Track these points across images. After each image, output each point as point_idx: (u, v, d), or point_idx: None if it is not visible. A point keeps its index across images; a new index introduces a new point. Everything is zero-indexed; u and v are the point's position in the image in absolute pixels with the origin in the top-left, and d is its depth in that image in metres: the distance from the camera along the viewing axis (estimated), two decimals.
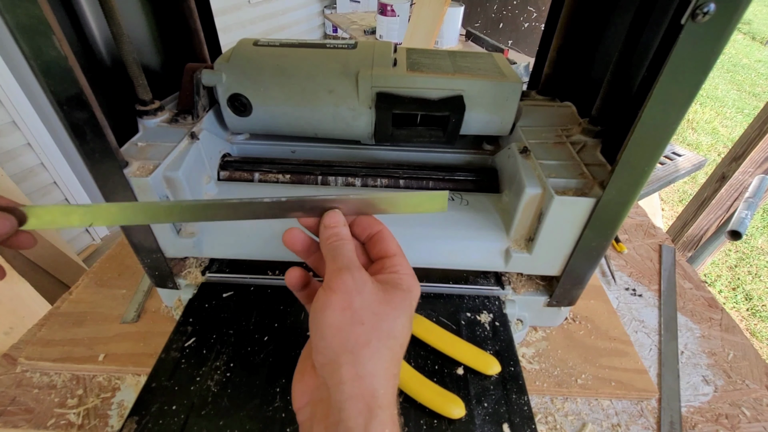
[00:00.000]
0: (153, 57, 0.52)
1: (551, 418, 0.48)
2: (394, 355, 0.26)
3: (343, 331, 0.25)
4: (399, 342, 0.27)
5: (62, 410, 0.46)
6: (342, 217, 0.30)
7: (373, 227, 0.32)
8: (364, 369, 0.24)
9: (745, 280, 1.98)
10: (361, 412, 0.23)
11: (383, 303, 0.26)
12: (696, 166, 1.31)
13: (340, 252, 0.28)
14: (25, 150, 1.47)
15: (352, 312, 0.25)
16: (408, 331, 0.28)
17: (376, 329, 0.25)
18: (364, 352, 0.25)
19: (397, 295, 0.27)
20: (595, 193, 0.39)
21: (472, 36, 2.13)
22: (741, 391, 0.53)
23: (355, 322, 0.25)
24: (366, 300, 0.26)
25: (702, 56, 0.29)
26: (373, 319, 0.26)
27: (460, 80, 0.46)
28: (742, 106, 3.69)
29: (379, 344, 0.25)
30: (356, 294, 0.26)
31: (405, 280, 0.29)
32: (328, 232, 0.29)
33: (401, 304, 0.27)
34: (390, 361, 0.25)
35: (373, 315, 0.26)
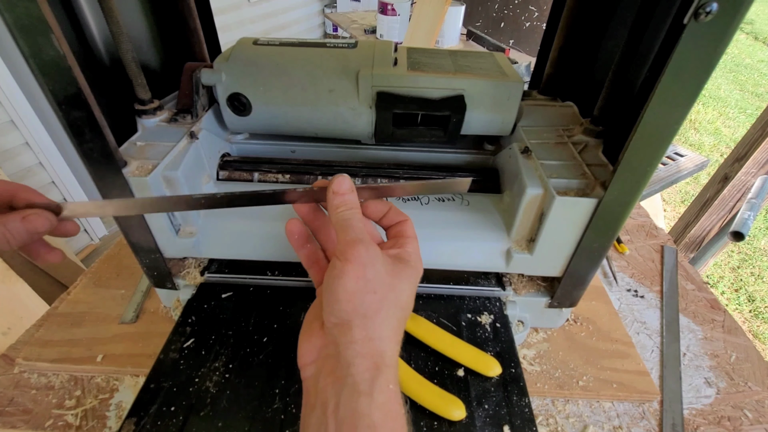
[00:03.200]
0: (152, 56, 0.51)
1: (552, 420, 0.47)
2: (399, 322, 0.29)
3: (356, 297, 0.27)
4: (404, 312, 0.30)
5: (60, 411, 0.46)
6: (350, 183, 0.31)
7: (399, 217, 0.34)
8: (373, 332, 0.27)
9: (747, 282, 1.98)
10: (368, 369, 0.26)
11: (393, 275, 0.29)
12: (698, 166, 1.31)
13: (350, 223, 0.30)
14: (24, 149, 1.47)
15: (366, 281, 0.27)
16: (411, 302, 0.30)
17: (386, 298, 0.28)
18: (375, 318, 0.27)
19: (404, 269, 0.30)
20: (597, 193, 0.39)
21: (473, 35, 2.13)
22: (743, 394, 0.52)
23: (368, 290, 0.27)
24: (378, 271, 0.28)
25: (704, 56, 0.28)
26: (384, 289, 0.28)
27: (461, 80, 0.46)
28: (745, 107, 3.68)
29: (388, 312, 0.28)
30: (370, 265, 0.28)
31: (413, 257, 0.31)
32: (337, 200, 0.30)
33: (408, 278, 0.30)
34: (396, 328, 0.28)
35: (384, 285, 0.28)
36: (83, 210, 0.32)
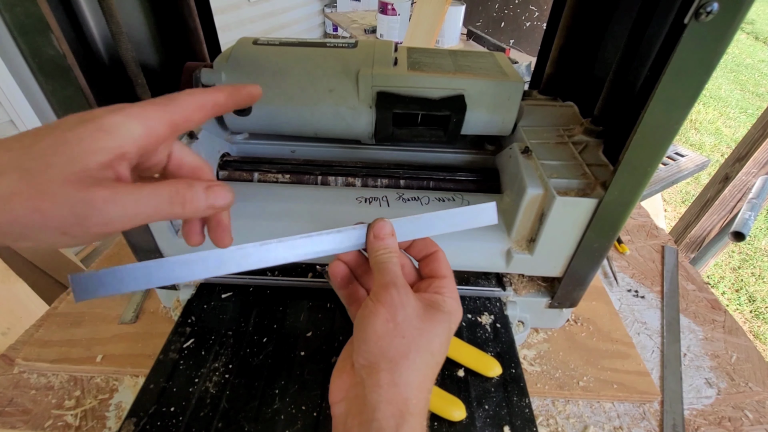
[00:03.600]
0: (152, 56, 0.51)
1: (553, 420, 0.47)
2: (429, 369, 0.28)
3: (384, 340, 0.27)
4: (435, 359, 0.28)
5: (60, 411, 0.46)
6: (391, 227, 0.31)
7: (429, 248, 0.34)
8: (400, 377, 0.26)
9: (748, 282, 1.98)
10: (393, 415, 0.25)
11: (424, 320, 0.28)
12: (699, 166, 1.31)
13: (387, 267, 0.30)
14: None
15: (395, 324, 0.27)
16: (444, 350, 0.29)
17: (414, 343, 0.27)
18: (402, 363, 0.27)
19: (437, 315, 0.29)
20: (597, 193, 0.39)
21: (474, 35, 2.13)
22: (744, 394, 0.52)
23: (397, 334, 0.27)
24: (408, 315, 0.28)
25: (705, 56, 0.28)
26: (414, 333, 0.27)
27: (462, 80, 0.46)
28: (746, 107, 3.68)
29: (417, 357, 0.27)
30: (400, 309, 0.28)
31: (448, 303, 0.30)
32: (378, 244, 0.31)
33: (441, 324, 0.29)
34: (424, 375, 0.27)
35: (414, 329, 0.28)
36: None
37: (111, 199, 0.21)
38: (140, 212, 0.22)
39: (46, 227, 0.21)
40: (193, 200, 0.24)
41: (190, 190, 0.24)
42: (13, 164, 0.20)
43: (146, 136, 0.23)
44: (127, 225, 0.22)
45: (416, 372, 0.27)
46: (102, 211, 0.21)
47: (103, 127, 0.22)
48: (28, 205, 0.20)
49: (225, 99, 0.27)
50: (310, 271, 0.51)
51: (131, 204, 0.22)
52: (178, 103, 0.25)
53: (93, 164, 0.21)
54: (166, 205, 0.23)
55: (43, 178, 0.20)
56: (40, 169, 0.20)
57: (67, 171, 0.21)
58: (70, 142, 0.21)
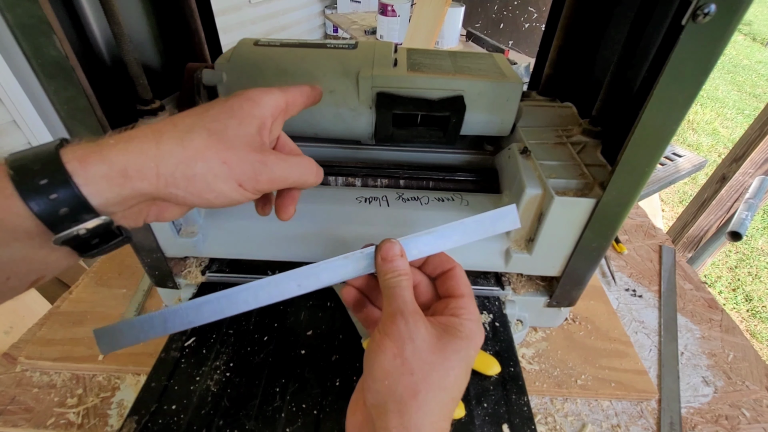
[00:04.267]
0: (154, 57, 0.52)
1: (551, 418, 0.48)
2: (444, 407, 0.26)
3: (392, 377, 0.25)
4: (450, 395, 0.26)
5: (62, 409, 0.46)
6: (400, 248, 0.30)
7: (445, 265, 0.32)
8: (409, 421, 0.24)
9: (745, 281, 1.98)
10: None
11: (436, 352, 0.26)
12: (696, 167, 1.31)
13: (395, 292, 0.28)
14: None
15: (402, 360, 0.25)
16: (462, 382, 0.27)
17: (425, 380, 0.25)
18: (412, 404, 0.25)
19: (453, 343, 0.27)
20: (596, 193, 0.39)
21: (473, 36, 2.13)
22: (741, 393, 0.53)
23: (405, 371, 0.25)
24: (418, 348, 0.26)
25: (702, 57, 0.29)
26: (424, 369, 0.25)
27: (461, 80, 0.46)
28: (743, 107, 3.69)
29: (428, 396, 0.25)
30: (408, 341, 0.26)
31: (466, 326, 0.28)
32: (386, 267, 0.29)
33: (456, 354, 0.26)
34: (438, 414, 0.25)
35: (425, 364, 0.26)
36: None
37: (278, 161, 0.26)
38: (293, 175, 0.28)
39: (228, 178, 0.25)
40: (320, 174, 0.30)
41: (313, 167, 0.29)
42: (198, 125, 0.24)
43: (275, 107, 0.28)
44: (282, 185, 0.28)
45: (427, 413, 0.25)
46: (272, 169, 0.26)
47: (252, 98, 0.27)
48: (218, 156, 0.24)
49: (312, 91, 0.33)
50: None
51: (291, 168, 0.27)
52: (289, 89, 0.30)
53: (253, 129, 0.26)
54: (309, 174, 0.29)
55: (226, 137, 0.25)
56: (221, 129, 0.25)
57: (241, 133, 0.25)
58: (234, 108, 0.26)
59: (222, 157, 0.24)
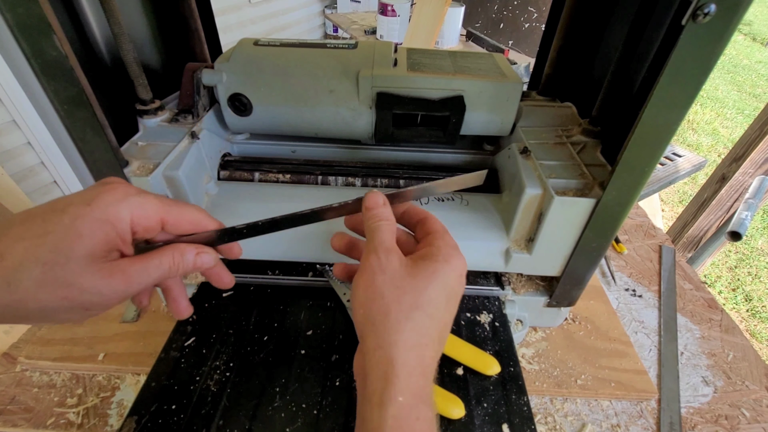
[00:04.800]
0: (153, 56, 0.52)
1: (551, 418, 0.48)
2: (421, 326, 0.27)
3: (365, 306, 0.27)
4: (427, 313, 0.27)
5: (62, 409, 0.46)
6: (381, 197, 0.31)
7: (420, 214, 0.33)
8: (382, 339, 0.26)
9: (745, 281, 1.98)
10: (379, 379, 0.25)
11: (407, 277, 0.27)
12: (696, 166, 1.31)
13: (374, 234, 0.29)
14: (26, 149, 1.47)
15: (374, 289, 0.27)
16: (441, 303, 0.28)
17: (396, 301, 0.26)
18: (384, 323, 0.26)
19: (427, 266, 0.28)
20: (595, 193, 0.39)
21: (473, 36, 2.13)
22: (741, 392, 0.53)
23: (377, 297, 0.27)
24: (389, 276, 0.27)
25: (702, 57, 0.29)
26: (395, 293, 0.27)
27: (461, 80, 0.46)
28: (743, 107, 3.69)
29: (399, 315, 0.26)
30: (379, 273, 0.27)
31: (442, 250, 0.29)
32: (369, 214, 0.31)
33: (431, 275, 0.27)
34: (414, 332, 0.26)
35: (396, 288, 0.27)
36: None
37: (126, 280, 0.26)
38: (150, 281, 0.27)
39: (71, 310, 0.24)
40: (185, 267, 0.29)
41: (182, 260, 0.29)
42: (31, 257, 0.23)
43: (142, 228, 0.27)
44: (139, 291, 0.27)
45: (401, 330, 0.26)
46: (120, 289, 0.26)
47: (110, 217, 0.26)
48: (56, 295, 0.23)
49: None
50: (311, 270, 0.51)
51: (143, 278, 0.27)
52: (178, 209, 0.29)
53: (104, 251, 0.25)
54: (166, 273, 0.28)
55: (65, 271, 0.23)
56: (60, 262, 0.23)
57: (83, 261, 0.24)
58: (81, 234, 0.24)
59: (61, 294, 0.24)
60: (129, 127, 0.45)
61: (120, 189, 0.27)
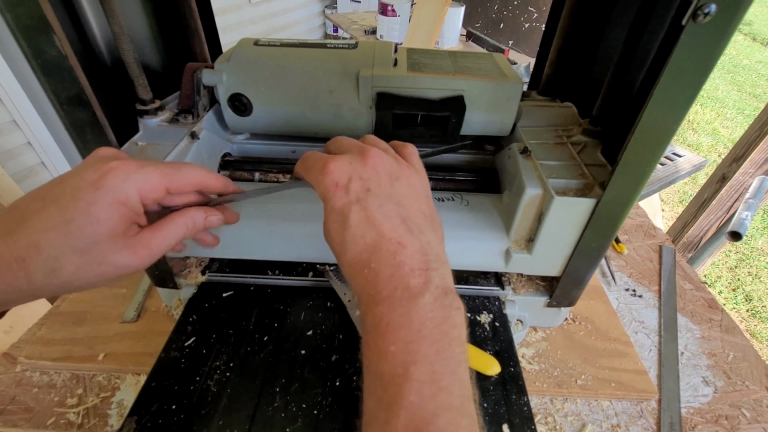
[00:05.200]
0: (153, 56, 0.52)
1: (551, 418, 0.48)
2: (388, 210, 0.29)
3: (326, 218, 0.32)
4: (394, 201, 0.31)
5: (62, 409, 0.46)
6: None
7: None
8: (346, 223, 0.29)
9: (745, 281, 1.98)
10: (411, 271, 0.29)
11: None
12: (696, 167, 1.31)
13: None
14: (26, 149, 1.47)
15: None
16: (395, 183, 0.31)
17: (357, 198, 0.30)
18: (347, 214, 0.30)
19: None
20: (596, 193, 0.39)
21: (473, 36, 2.13)
22: (741, 392, 0.53)
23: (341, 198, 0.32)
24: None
25: (703, 57, 0.29)
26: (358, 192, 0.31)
27: (461, 80, 0.46)
28: (743, 107, 3.69)
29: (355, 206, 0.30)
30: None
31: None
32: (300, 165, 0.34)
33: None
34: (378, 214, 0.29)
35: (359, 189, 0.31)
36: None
37: (150, 251, 0.30)
38: (171, 244, 0.31)
39: (109, 281, 0.29)
40: (199, 224, 0.34)
41: (194, 222, 0.33)
42: (66, 245, 0.26)
43: (150, 199, 0.30)
44: (163, 253, 0.31)
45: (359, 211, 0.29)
46: (146, 259, 0.30)
47: (120, 198, 0.28)
48: (94, 273, 0.27)
49: (216, 185, 0.35)
50: (311, 270, 0.51)
51: (164, 245, 0.31)
52: (178, 174, 0.31)
53: (124, 230, 0.29)
54: (183, 232, 0.32)
55: (98, 254, 0.27)
56: (91, 246, 0.27)
57: (110, 242, 0.28)
58: (99, 219, 0.27)
59: (96, 273, 0.27)
60: (129, 127, 0.45)
61: (122, 168, 0.28)
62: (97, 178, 0.27)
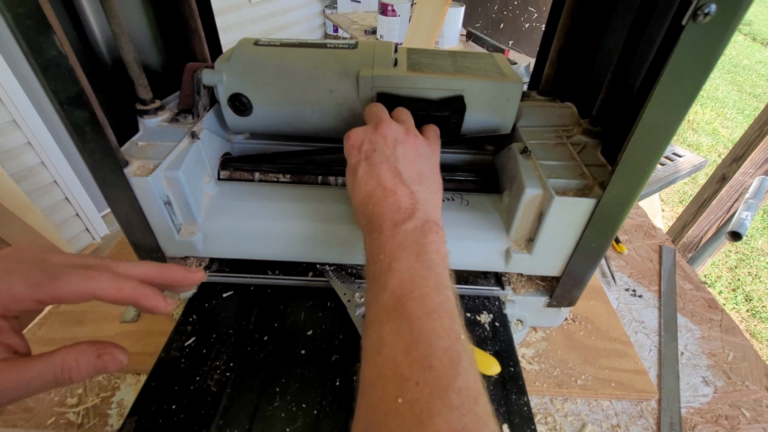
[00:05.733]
0: (153, 56, 0.52)
1: (551, 418, 0.48)
2: (385, 168, 0.37)
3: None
4: (390, 162, 0.38)
5: (62, 409, 0.46)
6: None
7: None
8: (354, 177, 0.38)
9: (745, 281, 1.99)
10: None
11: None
12: (696, 167, 1.31)
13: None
14: (26, 149, 1.47)
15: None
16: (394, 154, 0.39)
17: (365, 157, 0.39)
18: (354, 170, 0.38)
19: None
20: (596, 193, 0.39)
21: (473, 36, 2.13)
22: (741, 392, 0.53)
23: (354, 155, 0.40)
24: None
25: (703, 57, 0.29)
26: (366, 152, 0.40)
27: (461, 80, 0.46)
28: (743, 107, 3.69)
29: (363, 164, 0.38)
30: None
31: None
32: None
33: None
34: (379, 170, 0.37)
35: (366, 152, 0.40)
36: None
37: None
38: (29, 392, 0.26)
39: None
40: (79, 374, 0.27)
41: (76, 365, 0.27)
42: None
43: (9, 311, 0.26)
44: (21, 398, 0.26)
45: (362, 169, 0.37)
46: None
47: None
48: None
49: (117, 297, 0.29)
50: (311, 270, 0.51)
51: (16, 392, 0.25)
52: (56, 285, 0.27)
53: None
54: (51, 382, 0.26)
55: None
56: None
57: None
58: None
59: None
60: (129, 127, 0.45)
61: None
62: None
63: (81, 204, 1.73)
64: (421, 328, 0.27)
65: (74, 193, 1.68)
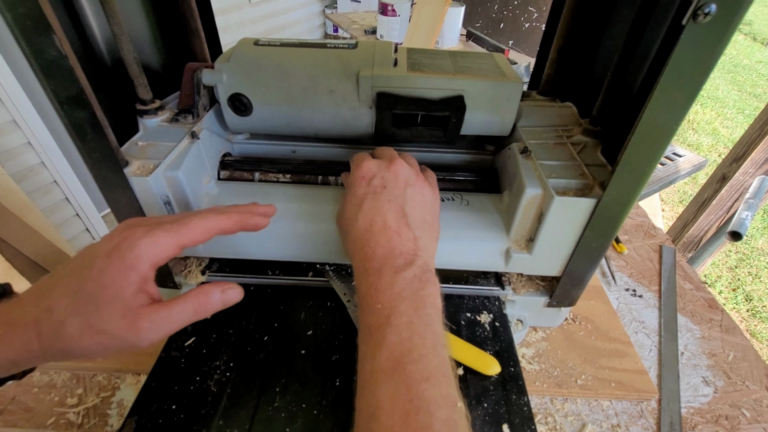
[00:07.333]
0: (153, 56, 0.52)
1: (551, 418, 0.48)
2: (385, 204, 0.37)
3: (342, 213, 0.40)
4: (388, 197, 0.38)
5: (62, 409, 0.46)
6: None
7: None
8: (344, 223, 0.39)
9: (745, 281, 1.98)
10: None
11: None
12: (696, 166, 1.31)
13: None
14: (26, 149, 1.47)
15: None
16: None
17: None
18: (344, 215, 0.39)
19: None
20: (596, 193, 0.39)
21: (473, 36, 2.13)
22: (741, 392, 0.53)
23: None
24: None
25: (703, 57, 0.29)
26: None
27: (461, 80, 0.46)
28: (743, 107, 3.69)
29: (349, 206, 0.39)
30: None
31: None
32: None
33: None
34: (371, 210, 0.36)
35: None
36: None
37: (152, 327, 0.29)
38: (174, 327, 0.30)
39: (106, 352, 0.28)
40: (212, 306, 0.32)
41: (208, 299, 0.32)
42: (73, 310, 0.27)
43: (161, 259, 0.30)
44: (166, 336, 0.31)
45: (354, 209, 0.37)
46: (147, 336, 0.28)
47: (128, 264, 0.28)
48: (93, 341, 0.27)
49: (231, 226, 0.34)
50: (311, 270, 0.51)
51: (167, 326, 0.29)
52: (188, 228, 0.31)
53: (129, 296, 0.28)
54: (192, 316, 0.31)
55: (97, 320, 0.27)
56: (93, 312, 0.27)
57: (112, 309, 0.27)
58: (105, 284, 0.28)
59: (97, 341, 0.27)
60: (129, 127, 0.45)
61: (131, 236, 0.29)
62: (111, 248, 0.28)
63: (81, 204, 1.72)
64: (420, 396, 0.26)
65: (74, 193, 1.67)
